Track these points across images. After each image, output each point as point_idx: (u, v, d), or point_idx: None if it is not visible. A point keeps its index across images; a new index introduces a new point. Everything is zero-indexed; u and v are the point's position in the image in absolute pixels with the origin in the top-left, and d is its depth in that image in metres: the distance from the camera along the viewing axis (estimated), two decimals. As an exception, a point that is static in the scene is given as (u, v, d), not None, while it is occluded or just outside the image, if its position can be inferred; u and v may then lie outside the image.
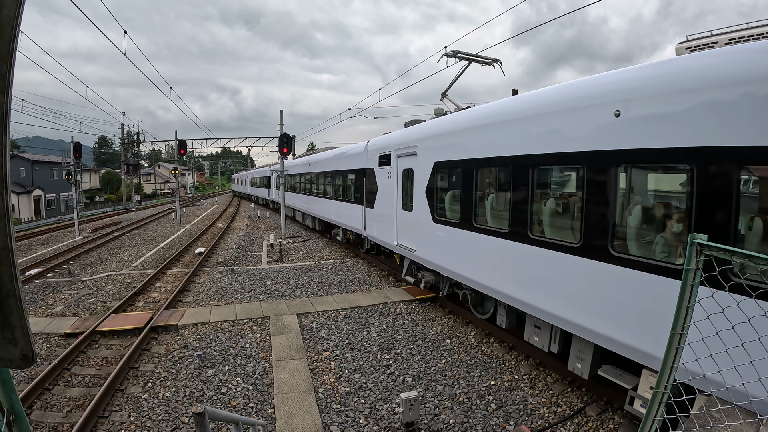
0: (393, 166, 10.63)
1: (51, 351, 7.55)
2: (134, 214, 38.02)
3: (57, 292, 11.25)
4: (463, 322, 8.75)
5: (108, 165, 79.93)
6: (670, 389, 2.34)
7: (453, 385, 6.32)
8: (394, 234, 10.64)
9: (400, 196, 10.28)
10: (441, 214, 8.41)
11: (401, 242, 10.28)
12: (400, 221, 10.31)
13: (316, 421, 5.36)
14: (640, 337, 4.37)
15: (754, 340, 2.10)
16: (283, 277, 12.59)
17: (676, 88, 4.12)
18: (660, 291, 4.12)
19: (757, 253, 1.89)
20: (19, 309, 0.90)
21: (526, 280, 6.04)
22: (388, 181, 10.92)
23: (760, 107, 3.49)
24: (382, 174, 11.46)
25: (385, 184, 11.18)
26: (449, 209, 8.24)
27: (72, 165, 23.59)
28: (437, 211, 8.52)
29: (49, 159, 49.91)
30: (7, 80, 0.84)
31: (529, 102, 6.27)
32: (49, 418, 5.58)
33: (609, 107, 4.72)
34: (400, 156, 10.27)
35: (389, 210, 10.88)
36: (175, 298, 10.26)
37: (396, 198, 10.43)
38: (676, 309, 2.24)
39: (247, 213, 35.59)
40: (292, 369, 6.73)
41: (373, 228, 12.48)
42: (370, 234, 12.74)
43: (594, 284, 4.92)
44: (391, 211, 10.78)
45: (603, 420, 5.36)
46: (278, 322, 8.68)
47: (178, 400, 5.92)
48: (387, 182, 11.05)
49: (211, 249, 17.12)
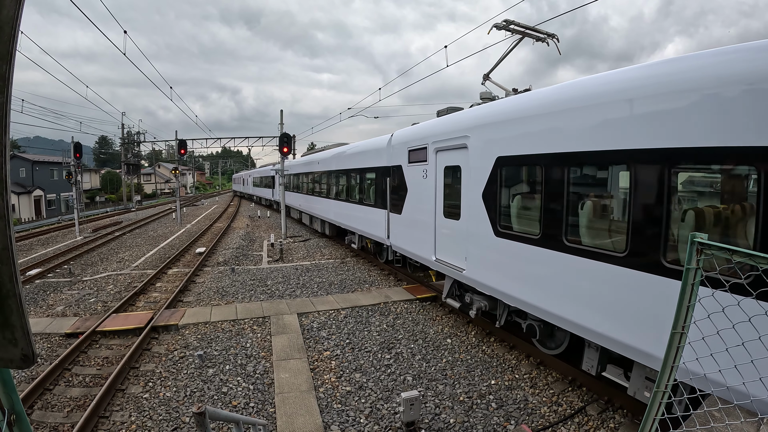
0: (430, 163, 8.74)
1: (52, 351, 7.55)
2: (134, 214, 38.04)
3: (57, 292, 11.26)
4: (464, 321, 8.75)
5: (108, 165, 79.99)
6: (670, 388, 2.34)
7: (454, 384, 6.32)
8: (430, 246, 8.74)
9: (440, 200, 8.43)
10: (508, 226, 6.46)
11: (442, 257, 8.38)
12: (441, 231, 8.42)
13: (317, 420, 5.36)
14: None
15: (755, 339, 2.10)
16: (284, 276, 12.60)
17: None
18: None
19: (757, 253, 1.89)
20: (19, 309, 0.90)
21: (656, 327, 4.19)
22: (423, 182, 9.05)
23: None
24: (413, 172, 9.61)
25: (418, 184, 9.33)
26: (522, 220, 6.30)
27: (72, 165, 23.61)
28: (501, 221, 6.55)
29: (50, 159, 49.94)
30: (6, 80, 0.84)
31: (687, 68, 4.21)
32: (50, 418, 5.58)
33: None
34: (440, 150, 8.36)
35: (424, 216, 9.01)
36: (175, 298, 10.26)
37: (434, 202, 8.59)
38: (677, 308, 2.24)
39: (248, 213, 35.60)
40: (293, 368, 6.74)
41: (399, 237, 10.66)
42: (396, 244, 10.94)
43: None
44: (426, 218, 8.89)
45: (604, 419, 5.36)
46: (279, 322, 8.68)
47: (179, 399, 5.92)
48: (420, 182, 9.17)
49: (211, 249, 17.12)
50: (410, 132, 10.16)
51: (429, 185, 8.82)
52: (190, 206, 45.04)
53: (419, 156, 9.24)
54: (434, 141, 8.57)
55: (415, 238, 9.69)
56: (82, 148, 23.91)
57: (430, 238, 8.73)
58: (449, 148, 8.03)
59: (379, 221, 11.78)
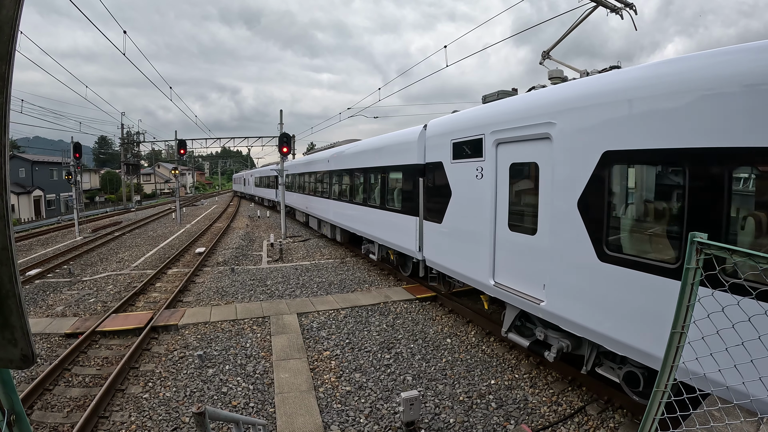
0: (487, 159, 6.89)
1: (51, 351, 7.55)
2: (134, 214, 38.02)
3: (57, 293, 11.26)
4: (464, 321, 8.75)
5: (108, 165, 79.95)
6: (670, 388, 2.34)
7: (453, 384, 6.32)
8: (486, 267, 6.93)
9: (502, 207, 6.63)
10: (620, 247, 4.77)
11: (504, 282, 6.61)
12: (504, 248, 6.62)
13: (317, 420, 5.36)
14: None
15: (754, 338, 2.10)
16: (284, 276, 12.59)
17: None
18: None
19: (757, 252, 1.89)
20: (19, 309, 0.91)
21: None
22: (475, 183, 7.21)
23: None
24: (459, 171, 7.75)
25: (468, 186, 7.48)
26: (648, 241, 4.67)
27: (72, 165, 23.59)
28: (609, 240, 4.83)
29: (49, 159, 49.93)
30: (6, 81, 0.84)
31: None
32: (50, 418, 5.58)
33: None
34: (504, 142, 6.56)
35: (476, 227, 7.20)
36: (175, 298, 10.26)
37: (492, 209, 6.79)
38: (676, 308, 2.24)
39: (247, 213, 35.60)
40: (293, 368, 6.74)
41: (437, 251, 8.76)
42: (432, 259, 9.03)
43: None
44: (480, 230, 7.08)
45: (603, 419, 5.36)
46: (278, 322, 8.68)
47: (179, 399, 5.92)
48: (471, 184, 7.34)
49: (211, 249, 17.12)
50: (454, 120, 8.17)
51: (485, 187, 6.95)
52: (189, 206, 45.03)
53: (470, 150, 7.37)
54: (495, 130, 6.68)
55: (461, 255, 7.82)
56: (82, 148, 23.91)
57: (486, 255, 6.90)
58: (519, 139, 6.22)
59: (406, 230, 10.02)
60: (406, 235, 10.03)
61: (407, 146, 9.94)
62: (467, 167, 7.48)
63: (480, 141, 7.07)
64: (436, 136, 8.72)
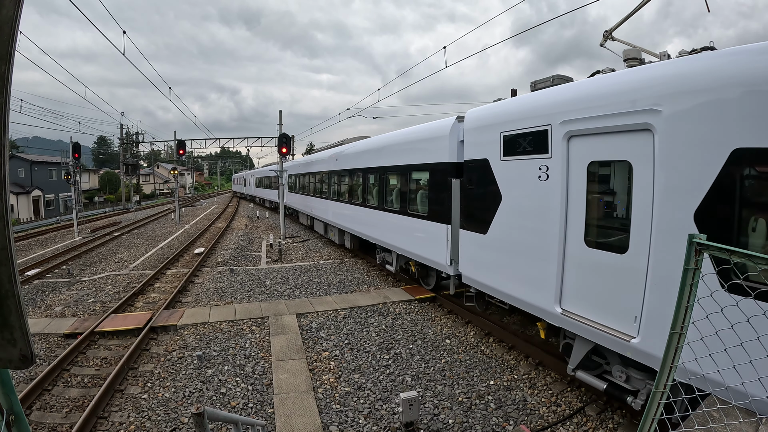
0: (555, 155, 5.57)
1: (50, 351, 7.54)
2: (133, 214, 37.97)
3: (56, 293, 11.24)
4: (463, 321, 8.75)
5: (107, 165, 79.86)
6: (669, 388, 2.34)
7: (452, 384, 6.32)
8: (550, 289, 5.63)
9: (576, 217, 5.32)
10: (758, 276, 3.47)
11: (575, 310, 5.33)
12: (576, 267, 5.33)
13: (316, 421, 5.36)
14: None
15: (753, 339, 2.11)
16: (283, 277, 12.59)
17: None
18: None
19: (756, 253, 1.89)
20: (18, 310, 0.91)
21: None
22: (538, 185, 5.85)
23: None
24: (513, 170, 6.40)
25: (526, 189, 6.13)
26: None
27: (71, 165, 23.59)
28: (740, 265, 2.47)
29: (48, 159, 49.85)
30: (5, 80, 0.84)
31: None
32: (49, 418, 5.57)
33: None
34: (578, 135, 5.29)
35: (537, 239, 5.89)
36: (174, 299, 10.25)
37: (561, 219, 5.47)
38: (675, 308, 2.25)
39: (246, 213, 35.58)
40: (292, 369, 6.73)
41: (480, 266, 7.33)
42: (470, 275, 7.59)
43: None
44: (542, 243, 5.77)
45: (602, 419, 5.36)
46: (277, 323, 8.67)
47: (178, 400, 5.91)
48: (532, 186, 5.98)
49: (210, 249, 17.10)
50: (505, 109, 6.81)
51: (551, 191, 5.63)
52: (188, 207, 44.98)
53: (529, 145, 6.05)
54: (566, 120, 5.39)
55: (513, 273, 6.49)
56: (81, 148, 23.91)
57: (551, 276, 5.65)
58: (603, 131, 4.97)
59: (434, 239, 8.75)
60: (434, 245, 8.78)
61: (436, 142, 8.66)
62: (525, 166, 6.12)
63: (545, 133, 5.75)
64: (478, 128, 7.30)
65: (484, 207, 7.07)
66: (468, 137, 7.59)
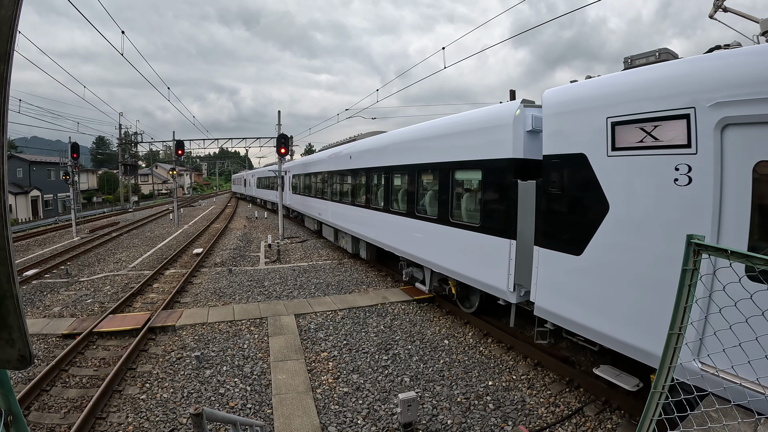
0: (701, 151, 4.05)
1: (49, 352, 7.52)
2: (132, 214, 37.91)
3: (54, 293, 11.21)
4: (461, 322, 8.75)
5: (106, 165, 79.74)
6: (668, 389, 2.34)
7: (451, 385, 6.32)
8: (686, 336, 2.42)
9: (739, 236, 3.84)
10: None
11: (710, 362, 3.59)
12: (727, 307, 2.30)
13: (314, 421, 5.36)
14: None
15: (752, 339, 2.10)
16: (281, 277, 12.58)
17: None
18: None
19: (753, 254, 1.90)
20: (16, 310, 0.90)
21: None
22: (673, 192, 4.27)
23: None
24: (630, 170, 4.73)
25: (652, 196, 4.51)
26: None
27: (69, 165, 23.54)
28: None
29: (47, 159, 49.76)
30: (4, 80, 0.84)
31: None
32: (47, 419, 5.56)
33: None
34: (740, 123, 3.80)
35: (663, 267, 4.30)
36: (172, 299, 10.23)
37: (712, 238, 3.97)
38: (674, 309, 2.25)
39: (245, 213, 35.55)
40: (290, 370, 6.72)
41: (568, 297, 5.51)
42: (548, 306, 5.83)
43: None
44: (673, 273, 2.67)
45: (601, 420, 5.37)
46: (276, 323, 8.67)
47: (176, 401, 5.90)
48: (662, 192, 4.38)
49: (208, 250, 17.09)
50: (614, 85, 5.10)
51: (696, 200, 4.09)
52: (187, 207, 44.93)
53: (657, 135, 4.43)
54: (720, 102, 3.89)
55: (622, 309, 4.80)
56: (80, 148, 23.86)
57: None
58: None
59: (489, 256, 7.03)
60: (488, 264, 7.03)
61: (494, 133, 6.89)
62: (650, 164, 4.52)
63: (685, 119, 4.19)
64: (569, 113, 5.52)
65: (577, 219, 5.40)
66: (550, 125, 5.77)
